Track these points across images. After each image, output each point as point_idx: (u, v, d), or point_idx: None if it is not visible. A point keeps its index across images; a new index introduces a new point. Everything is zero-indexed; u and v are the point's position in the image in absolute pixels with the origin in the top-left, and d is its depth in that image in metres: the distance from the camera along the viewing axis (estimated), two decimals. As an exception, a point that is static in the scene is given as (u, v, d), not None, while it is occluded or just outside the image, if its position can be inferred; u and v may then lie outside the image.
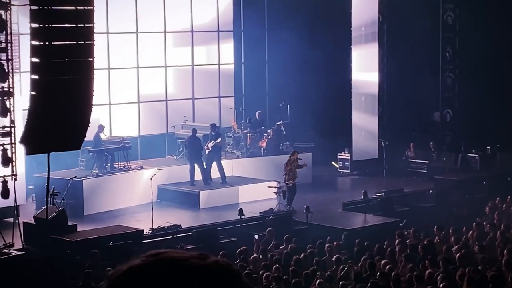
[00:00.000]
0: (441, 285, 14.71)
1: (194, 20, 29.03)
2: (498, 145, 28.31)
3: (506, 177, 26.32)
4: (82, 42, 17.73)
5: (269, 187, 23.84)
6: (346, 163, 28.67)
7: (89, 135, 20.73)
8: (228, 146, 26.72)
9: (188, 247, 19.71)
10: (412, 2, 28.45)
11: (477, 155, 28.24)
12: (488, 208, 22.55)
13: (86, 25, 17.70)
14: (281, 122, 27.93)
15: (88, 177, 23.18)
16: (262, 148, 27.13)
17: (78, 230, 19.56)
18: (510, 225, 20.48)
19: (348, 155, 28.61)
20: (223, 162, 25.11)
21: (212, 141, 24.86)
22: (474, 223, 20.44)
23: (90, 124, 18.83)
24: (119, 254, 18.34)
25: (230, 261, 1.43)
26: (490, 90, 28.37)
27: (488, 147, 28.34)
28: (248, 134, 27.33)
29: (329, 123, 28.81)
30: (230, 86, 30.38)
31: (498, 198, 23.04)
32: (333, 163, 28.84)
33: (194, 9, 28.94)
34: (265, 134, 27.33)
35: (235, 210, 21.67)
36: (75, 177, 22.64)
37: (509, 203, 22.70)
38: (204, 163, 24.76)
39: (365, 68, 28.64)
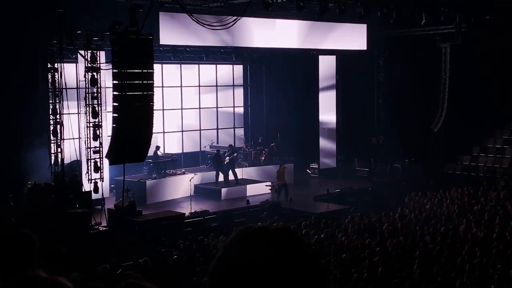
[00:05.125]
0: (376, 249, 14.66)
1: (218, 77, 29.11)
2: (412, 159, 28.33)
3: (418, 179, 26.22)
4: (146, 92, 17.77)
5: (266, 185, 23.79)
6: (316, 170, 28.63)
7: (150, 152, 20.68)
8: (239, 159, 26.65)
9: (214, 224, 19.65)
10: (356, 67, 28.46)
11: (399, 165, 28.29)
12: (407, 199, 22.51)
13: (148, 81, 17.74)
14: (274, 144, 27.94)
15: (149, 179, 23.15)
16: (262, 160, 27.12)
17: (143, 213, 19.54)
18: (421, 210, 20.42)
19: (317, 165, 28.58)
20: (236, 170, 25.06)
21: (230, 156, 24.86)
22: (398, 209, 20.41)
23: (150, 145, 18.87)
24: (169, 228, 18.35)
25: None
26: (408, 123, 28.37)
27: (407, 160, 28.34)
28: (252, 152, 27.35)
29: (305, 145, 28.77)
30: (241, 120, 30.37)
31: (413, 193, 23.00)
32: (307, 170, 28.80)
33: (218, 70, 29.04)
34: (263, 151, 27.35)
35: (244, 200, 21.64)
36: (141, 179, 22.68)
37: (420, 196, 22.66)
38: (224, 170, 24.72)
39: (327, 108, 28.66)
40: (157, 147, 24.03)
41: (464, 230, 16.85)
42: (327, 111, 28.65)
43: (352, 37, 27.44)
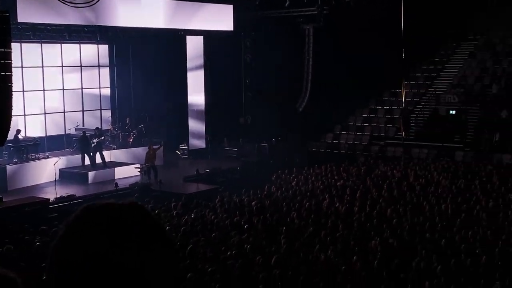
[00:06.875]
0: (245, 227, 14.97)
1: (82, 57, 28.18)
2: (279, 138, 29.07)
3: (284, 158, 26.96)
4: (4, 73, 16.87)
5: (135, 168, 23.50)
6: (185, 151, 28.65)
7: (10, 136, 19.72)
8: (107, 142, 26.06)
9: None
10: (224, 47, 28.67)
11: (266, 144, 28.97)
12: (274, 177, 23.08)
13: (6, 61, 16.86)
14: (142, 125, 27.60)
15: (10, 164, 22.08)
16: (130, 142, 26.72)
17: (4, 200, 18.62)
18: (288, 187, 21.04)
19: (186, 146, 28.60)
20: (103, 152, 24.49)
21: (97, 138, 24.24)
22: (265, 187, 20.89)
23: (10, 129, 17.99)
24: (33, 215, 17.65)
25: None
26: (275, 103, 29.03)
27: (274, 139, 29.04)
28: (120, 133, 26.86)
29: (174, 126, 28.69)
30: (108, 102, 29.66)
31: (279, 171, 23.63)
32: (176, 151, 28.76)
33: (82, 50, 28.10)
34: (131, 133, 26.94)
35: (113, 184, 21.30)
36: (1, 164, 21.61)
37: (286, 174, 23.31)
38: (91, 153, 24.09)
39: (196, 89, 28.70)
40: (18, 131, 22.94)
41: (327, 205, 17.61)
42: (196, 92, 28.70)
43: (219, 17, 27.59)
